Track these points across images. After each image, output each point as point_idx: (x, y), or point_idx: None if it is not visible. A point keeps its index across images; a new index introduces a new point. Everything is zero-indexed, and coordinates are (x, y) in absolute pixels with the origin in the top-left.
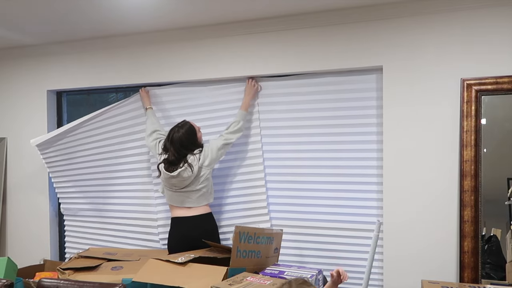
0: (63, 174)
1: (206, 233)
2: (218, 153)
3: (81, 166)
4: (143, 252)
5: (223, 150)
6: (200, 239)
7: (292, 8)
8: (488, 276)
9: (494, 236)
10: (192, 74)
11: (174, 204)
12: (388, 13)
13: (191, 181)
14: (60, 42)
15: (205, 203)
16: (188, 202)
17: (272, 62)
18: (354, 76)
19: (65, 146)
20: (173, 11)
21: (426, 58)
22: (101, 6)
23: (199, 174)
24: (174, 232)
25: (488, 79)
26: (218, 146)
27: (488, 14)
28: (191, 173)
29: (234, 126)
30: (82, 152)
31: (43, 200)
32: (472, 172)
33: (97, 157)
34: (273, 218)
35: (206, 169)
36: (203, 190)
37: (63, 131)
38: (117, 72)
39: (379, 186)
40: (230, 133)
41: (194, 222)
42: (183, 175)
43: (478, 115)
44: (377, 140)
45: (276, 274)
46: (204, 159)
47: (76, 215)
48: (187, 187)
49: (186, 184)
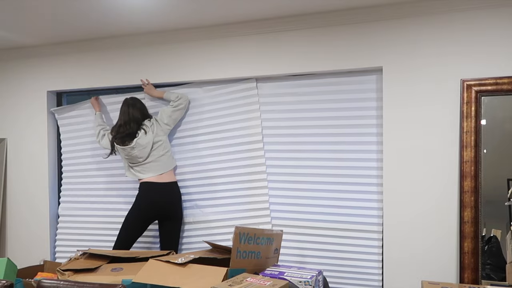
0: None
1: (173, 203)
2: (170, 119)
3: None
4: (142, 253)
5: (175, 116)
6: (167, 207)
7: (292, 9)
8: (488, 277)
9: (494, 237)
10: (191, 75)
11: (143, 175)
12: (387, 14)
13: (151, 149)
14: (60, 43)
15: (171, 167)
16: (157, 169)
17: (272, 63)
18: (354, 77)
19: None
20: (171, 12)
21: (426, 59)
22: (101, 7)
23: (156, 141)
24: (143, 197)
25: (488, 80)
26: (168, 113)
27: (488, 15)
28: (148, 139)
29: (172, 97)
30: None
31: (43, 200)
32: (472, 173)
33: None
34: (274, 219)
35: (162, 137)
36: (167, 154)
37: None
38: (117, 72)
39: (379, 187)
40: (177, 101)
41: (164, 190)
42: (142, 143)
43: (478, 116)
44: (377, 141)
45: (276, 275)
46: (157, 126)
47: (73, 215)
48: (150, 157)
49: (147, 152)
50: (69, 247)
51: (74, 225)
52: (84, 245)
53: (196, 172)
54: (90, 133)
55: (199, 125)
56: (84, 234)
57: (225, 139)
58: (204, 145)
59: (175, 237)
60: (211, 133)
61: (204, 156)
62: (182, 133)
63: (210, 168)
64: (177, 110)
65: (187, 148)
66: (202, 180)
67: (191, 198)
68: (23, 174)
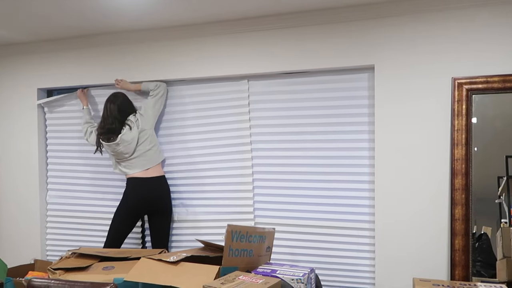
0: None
1: (161, 197)
2: (154, 109)
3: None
4: (134, 252)
5: (158, 105)
6: (155, 202)
7: (283, 7)
8: (479, 274)
9: (484, 234)
10: (182, 73)
11: (131, 171)
12: (380, 12)
13: (136, 144)
14: (50, 40)
15: (159, 161)
16: (144, 164)
17: (265, 61)
18: (346, 75)
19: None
20: (162, 9)
21: (417, 57)
22: (93, 5)
23: (143, 136)
24: (130, 193)
25: (478, 78)
26: (151, 104)
27: (479, 13)
28: (133, 135)
29: (151, 86)
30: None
31: (33, 199)
32: (463, 170)
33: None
34: (265, 217)
35: (148, 130)
36: (154, 148)
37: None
38: (107, 70)
39: (371, 185)
40: (156, 90)
41: (152, 184)
42: (126, 139)
43: (469, 114)
44: (368, 138)
45: (268, 273)
46: (142, 120)
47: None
48: (136, 152)
49: (133, 147)
50: (60, 246)
51: (64, 225)
52: (75, 243)
53: (185, 171)
54: (78, 128)
55: (187, 123)
56: (75, 231)
57: (214, 139)
58: (193, 144)
59: (166, 232)
60: (199, 132)
61: (193, 155)
62: (171, 131)
63: (200, 168)
64: (159, 99)
65: (176, 146)
66: (191, 179)
67: (178, 197)
68: (13, 172)
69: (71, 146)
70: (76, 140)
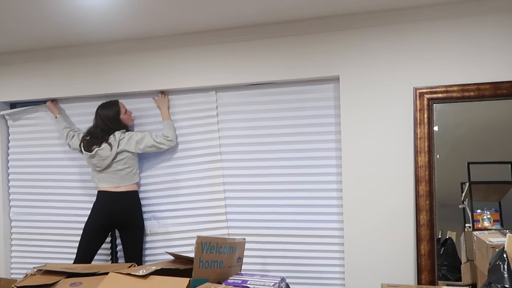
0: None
1: (130, 211)
2: (146, 149)
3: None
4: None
5: (151, 150)
6: (124, 216)
7: (249, 19)
8: (445, 278)
9: (450, 238)
10: (151, 85)
11: (100, 184)
12: (343, 24)
13: (111, 162)
14: (12, 52)
15: (131, 183)
16: (113, 182)
17: (232, 73)
18: (312, 86)
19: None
20: (128, 22)
21: (380, 68)
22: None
23: (120, 156)
24: (98, 207)
25: (438, 88)
26: (149, 144)
27: (438, 26)
28: (109, 153)
29: (169, 135)
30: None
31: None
32: (427, 177)
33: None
34: (235, 227)
35: (127, 153)
36: (127, 170)
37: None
38: (72, 83)
39: (339, 193)
40: (166, 140)
41: (120, 198)
42: (102, 155)
43: (430, 123)
44: (335, 147)
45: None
46: (125, 144)
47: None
48: (109, 168)
49: (106, 164)
50: (26, 264)
51: (30, 242)
52: (43, 260)
53: (155, 184)
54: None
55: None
56: (41, 248)
57: (183, 150)
58: (163, 157)
59: (138, 247)
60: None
61: (163, 167)
62: None
63: (171, 180)
64: (158, 147)
65: (145, 159)
66: (162, 191)
67: (150, 209)
68: None
69: (35, 161)
70: (42, 154)
